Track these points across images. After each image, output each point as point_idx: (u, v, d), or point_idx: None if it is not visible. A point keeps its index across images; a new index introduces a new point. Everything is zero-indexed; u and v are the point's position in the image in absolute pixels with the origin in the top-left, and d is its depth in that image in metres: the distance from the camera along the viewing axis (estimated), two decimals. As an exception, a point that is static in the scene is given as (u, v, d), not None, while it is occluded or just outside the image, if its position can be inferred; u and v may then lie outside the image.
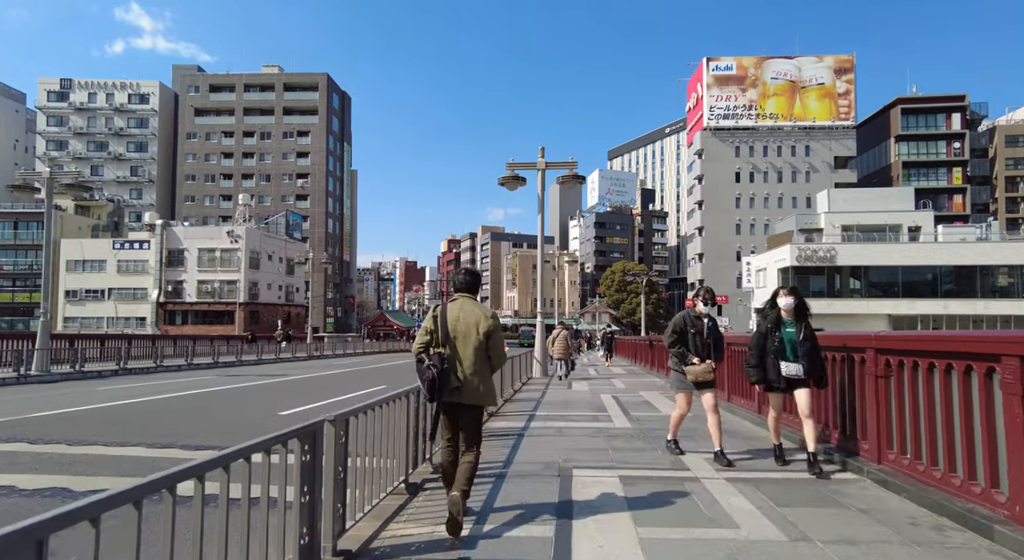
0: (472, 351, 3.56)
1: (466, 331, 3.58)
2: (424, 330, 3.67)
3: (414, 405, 4.47)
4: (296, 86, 74.24)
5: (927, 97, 66.74)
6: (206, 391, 12.84)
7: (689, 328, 5.39)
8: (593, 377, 16.03)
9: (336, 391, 12.74)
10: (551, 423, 7.35)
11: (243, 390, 13.29)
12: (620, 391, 11.65)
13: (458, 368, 3.54)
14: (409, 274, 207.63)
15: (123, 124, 71.11)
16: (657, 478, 4.49)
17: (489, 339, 3.61)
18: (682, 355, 5.37)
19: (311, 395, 12.00)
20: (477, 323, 3.60)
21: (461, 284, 3.82)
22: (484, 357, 3.61)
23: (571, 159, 15.38)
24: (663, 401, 9.79)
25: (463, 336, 3.58)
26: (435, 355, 3.51)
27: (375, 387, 13.92)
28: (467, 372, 3.53)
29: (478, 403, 3.58)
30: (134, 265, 52.78)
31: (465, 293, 3.78)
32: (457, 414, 3.59)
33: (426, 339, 3.63)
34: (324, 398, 11.44)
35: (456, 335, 3.58)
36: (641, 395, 10.81)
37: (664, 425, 7.01)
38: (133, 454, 5.88)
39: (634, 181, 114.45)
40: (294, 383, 15.37)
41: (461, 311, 3.65)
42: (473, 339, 3.57)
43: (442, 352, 3.53)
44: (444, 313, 3.65)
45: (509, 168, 15.38)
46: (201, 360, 23.47)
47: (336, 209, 76.60)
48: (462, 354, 3.56)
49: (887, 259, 41.06)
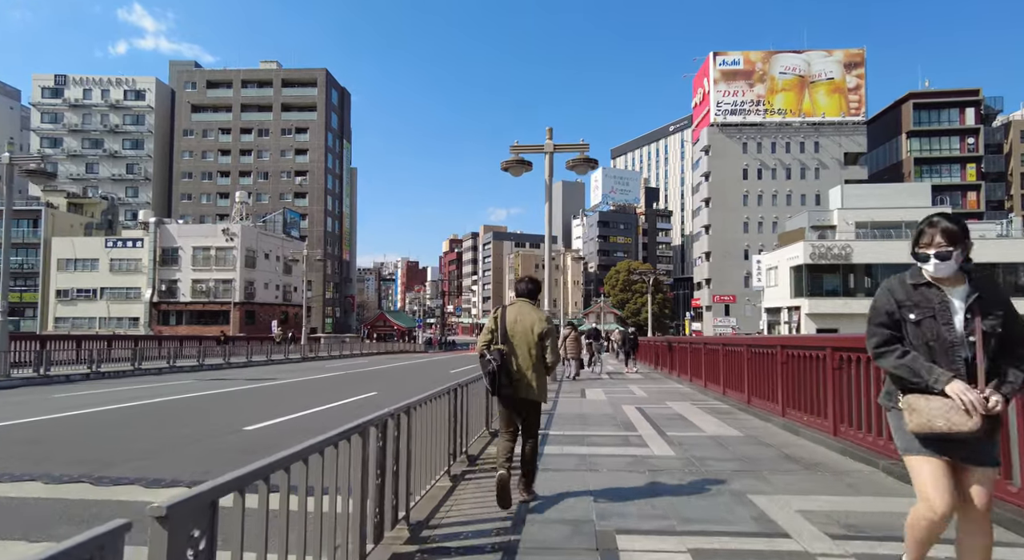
0: (527, 350, 3.88)
1: (523, 332, 3.91)
2: (486, 330, 4.03)
3: (454, 403, 4.75)
4: (294, 82, 72.83)
5: (940, 92, 65.07)
6: (173, 399, 11.40)
7: (911, 312, 2.32)
8: (607, 382, 14.55)
9: (320, 399, 11.30)
10: (569, 448, 5.86)
11: (216, 398, 11.85)
12: (643, 401, 10.17)
13: (515, 364, 3.86)
14: (411, 274, 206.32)
15: (119, 121, 69.77)
16: (749, 553, 3.01)
17: (544, 340, 3.91)
18: (910, 375, 2.24)
19: (291, 404, 10.55)
20: (533, 325, 3.93)
21: (523, 290, 4.19)
22: (539, 356, 3.91)
23: (582, 141, 13.91)
24: (699, 415, 8.31)
25: (520, 336, 3.90)
26: (495, 351, 3.85)
27: (366, 393, 12.48)
28: (523, 369, 3.86)
29: (532, 398, 3.90)
30: (127, 264, 51.46)
31: (525, 298, 4.14)
32: (515, 407, 3.95)
33: (488, 338, 3.99)
34: (306, 407, 10.00)
35: (514, 335, 3.91)
36: (670, 406, 9.33)
37: (714, 453, 5.56)
38: (20, 495, 4.43)
39: (638, 179, 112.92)
40: (278, 389, 13.93)
41: (519, 314, 3.99)
42: (529, 339, 3.89)
43: (502, 349, 3.86)
44: (504, 315, 4.01)
45: (513, 152, 13.92)
46: (185, 362, 22.07)
47: (335, 207, 75.17)
48: (519, 352, 3.88)
49: (905, 257, 39.12)
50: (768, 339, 8.13)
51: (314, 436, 2.33)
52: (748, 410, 8.32)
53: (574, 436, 6.54)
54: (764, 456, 5.37)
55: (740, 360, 8.98)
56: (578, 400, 10.36)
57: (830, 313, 39.90)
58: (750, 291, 62.07)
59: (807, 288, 40.72)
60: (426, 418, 3.88)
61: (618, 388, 12.69)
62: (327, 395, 12.19)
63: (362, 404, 10.66)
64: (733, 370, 9.44)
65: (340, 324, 75.26)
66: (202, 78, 72.39)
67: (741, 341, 9.22)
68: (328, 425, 2.63)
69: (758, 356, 8.10)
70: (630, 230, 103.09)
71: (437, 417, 4.18)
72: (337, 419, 8.79)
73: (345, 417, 8.89)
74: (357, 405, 10.51)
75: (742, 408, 8.60)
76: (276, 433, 7.61)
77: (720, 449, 5.74)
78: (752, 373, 8.44)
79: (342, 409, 9.97)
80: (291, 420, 8.67)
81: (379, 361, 29.47)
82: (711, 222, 67.17)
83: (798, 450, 5.63)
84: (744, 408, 8.53)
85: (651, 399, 10.41)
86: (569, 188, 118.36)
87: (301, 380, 16.58)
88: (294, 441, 2.25)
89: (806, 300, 40.40)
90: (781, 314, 43.90)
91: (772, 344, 7.52)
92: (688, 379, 13.17)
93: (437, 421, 4.18)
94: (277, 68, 73.96)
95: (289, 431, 7.67)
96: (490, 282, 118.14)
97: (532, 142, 14.06)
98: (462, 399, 5.10)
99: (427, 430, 3.91)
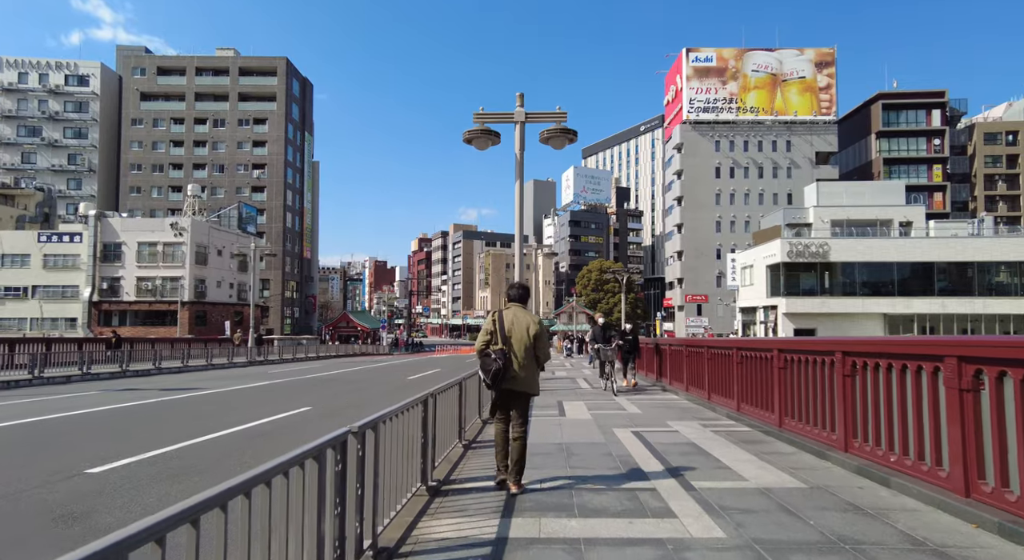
0: (523, 349, 4.40)
1: (519, 333, 4.42)
2: (484, 331, 4.52)
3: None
4: (253, 70, 69.08)
5: (908, 93, 65.41)
6: (31, 421, 8.81)
7: None
8: (586, 393, 12.48)
9: (232, 418, 8.89)
10: (550, 523, 3.62)
11: (97, 418, 9.31)
12: (638, 421, 8.09)
13: (513, 362, 4.37)
14: (379, 274, 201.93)
15: (59, 108, 64.91)
16: None
17: (537, 340, 4.46)
18: None
19: (188, 426, 8.11)
20: (527, 327, 4.45)
21: (515, 296, 4.76)
22: (532, 354, 4.45)
23: (558, 108, 11.79)
24: (721, 445, 6.24)
25: (517, 337, 4.41)
26: (498, 351, 4.34)
27: (296, 409, 10.10)
28: (519, 366, 4.38)
29: (527, 391, 4.48)
30: (63, 260, 47.42)
31: (517, 303, 4.70)
32: (510, 399, 4.47)
33: (486, 338, 4.49)
34: (204, 432, 7.60)
35: (511, 336, 4.42)
36: (675, 430, 7.27)
37: (788, 531, 3.43)
38: None
39: (609, 179, 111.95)
40: (191, 403, 11.42)
41: (515, 317, 4.51)
42: (524, 339, 4.41)
43: (504, 349, 4.36)
44: (501, 318, 4.50)
45: (478, 120, 11.73)
46: (104, 369, 19.19)
47: (296, 202, 71.62)
48: (516, 351, 4.39)
49: (883, 255, 38.70)
50: (815, 342, 6.12)
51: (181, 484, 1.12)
52: (783, 436, 6.31)
53: (556, 490, 4.40)
54: (874, 538, 3.29)
55: (765, 369, 6.98)
56: (556, 420, 8.22)
57: (808, 312, 38.84)
58: (723, 290, 61.20)
59: (784, 287, 39.59)
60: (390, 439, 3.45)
61: (602, 401, 10.62)
62: (244, 412, 9.78)
63: (283, 426, 8.32)
64: (753, 381, 7.43)
65: (301, 325, 71.77)
66: (152, 64, 68.04)
67: (766, 344, 7.22)
68: (210, 466, 2.61)
69: (799, 365, 6.08)
70: (601, 230, 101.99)
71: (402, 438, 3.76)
72: (232, 452, 6.46)
73: (244, 448, 6.57)
74: (276, 427, 8.18)
75: (771, 433, 6.60)
76: (126, 480, 5.26)
77: (791, 519, 3.64)
78: (786, 386, 6.43)
79: (244, 436, 7.63)
80: (165, 455, 6.30)
81: (333, 365, 26.88)
82: (683, 221, 66.15)
83: (917, 523, 3.57)
84: (775, 433, 6.52)
85: (647, 418, 8.35)
86: (540, 187, 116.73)
87: (228, 390, 14.05)
88: (143, 496, 1.08)
89: (783, 299, 39.26)
90: (757, 314, 42.77)
91: (825, 349, 5.51)
92: (684, 389, 11.18)
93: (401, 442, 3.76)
94: (235, 55, 70.09)
95: (148, 478, 5.33)
96: (460, 282, 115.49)
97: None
98: (431, 414, 4.62)
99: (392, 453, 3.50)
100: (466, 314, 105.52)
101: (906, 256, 38.71)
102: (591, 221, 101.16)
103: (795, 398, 6.22)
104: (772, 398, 6.76)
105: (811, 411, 5.85)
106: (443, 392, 5.18)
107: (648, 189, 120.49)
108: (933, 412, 4.00)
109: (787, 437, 6.21)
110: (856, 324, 38.28)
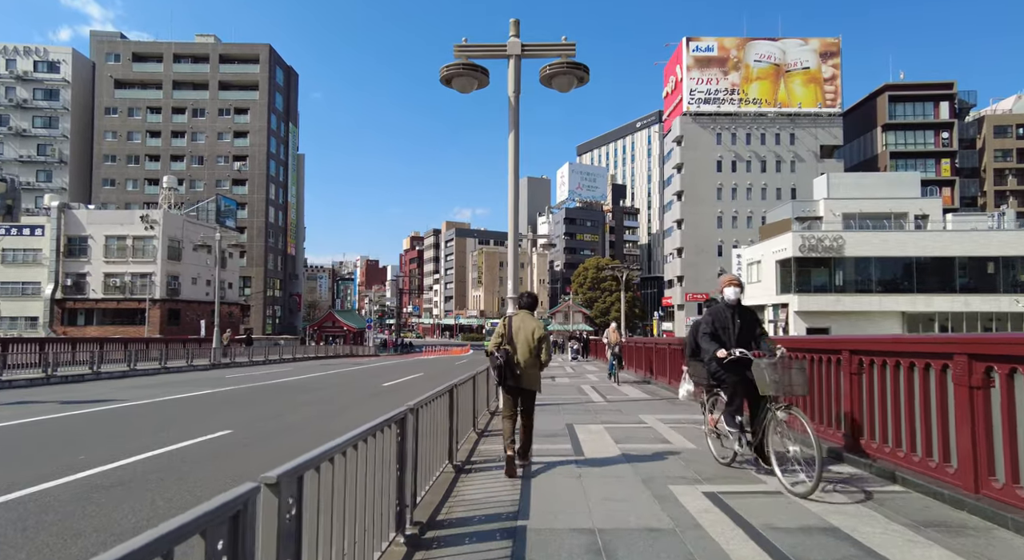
0: (528, 350, 4.96)
1: (525, 336, 4.99)
2: (497, 333, 5.16)
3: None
4: (234, 58, 66.02)
5: (915, 84, 63.19)
6: None
7: None
8: (600, 409, 9.73)
9: (104, 451, 6.05)
10: None
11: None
12: (696, 459, 5.34)
13: (518, 361, 4.93)
14: (370, 273, 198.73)
15: (27, 95, 61.54)
16: None
17: (540, 343, 5.00)
18: None
19: (36, 466, 5.29)
20: (533, 331, 5.02)
21: (525, 303, 5.46)
22: (536, 355, 5.00)
23: (564, 39, 9.06)
24: (847, 514, 3.50)
25: (522, 339, 4.99)
26: (502, 350, 4.96)
27: (210, 434, 7.24)
28: (523, 365, 4.94)
29: (531, 388, 5.03)
30: (23, 255, 44.31)
31: (526, 309, 5.34)
32: (517, 395, 5.07)
33: (498, 341, 5.10)
34: (27, 481, 4.77)
35: (517, 338, 5.00)
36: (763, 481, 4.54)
37: None
38: None
39: (605, 176, 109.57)
40: (83, 421, 8.54)
41: (522, 321, 5.10)
42: (529, 342, 4.97)
43: (508, 349, 4.97)
44: (510, 323, 5.11)
45: (460, 54, 8.96)
46: (23, 375, 16.28)
47: (280, 196, 68.55)
48: (520, 352, 4.95)
49: (900, 249, 36.24)
50: (821, 341, 4.09)
51: None
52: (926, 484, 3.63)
53: None
54: None
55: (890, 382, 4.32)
56: (569, 464, 5.44)
57: (821, 311, 36.36)
58: (725, 289, 58.67)
59: (795, 283, 37.06)
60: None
61: (624, 419, 7.87)
62: (127, 440, 6.95)
63: (162, 468, 5.52)
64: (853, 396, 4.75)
65: (284, 324, 68.70)
66: (127, 50, 64.81)
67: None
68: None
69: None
70: (597, 227, 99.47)
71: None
72: None
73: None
74: (153, 468, 5.38)
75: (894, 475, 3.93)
76: None
77: None
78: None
79: (74, 493, 4.82)
80: None
81: (307, 368, 24.03)
82: (684, 216, 63.60)
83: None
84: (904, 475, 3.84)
85: (704, 454, 5.62)
86: (535, 184, 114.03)
87: (145, 403, 11.17)
88: None
89: (795, 296, 36.73)
90: (765, 312, 40.19)
91: (831, 347, 2.90)
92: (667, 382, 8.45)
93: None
94: (215, 42, 66.98)
95: None
96: (452, 280, 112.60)
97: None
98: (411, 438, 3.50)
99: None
100: (459, 313, 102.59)
101: (924, 250, 36.29)
102: (587, 219, 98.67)
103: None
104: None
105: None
106: (426, 404, 4.12)
107: (644, 187, 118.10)
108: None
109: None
110: (873, 322, 35.81)
